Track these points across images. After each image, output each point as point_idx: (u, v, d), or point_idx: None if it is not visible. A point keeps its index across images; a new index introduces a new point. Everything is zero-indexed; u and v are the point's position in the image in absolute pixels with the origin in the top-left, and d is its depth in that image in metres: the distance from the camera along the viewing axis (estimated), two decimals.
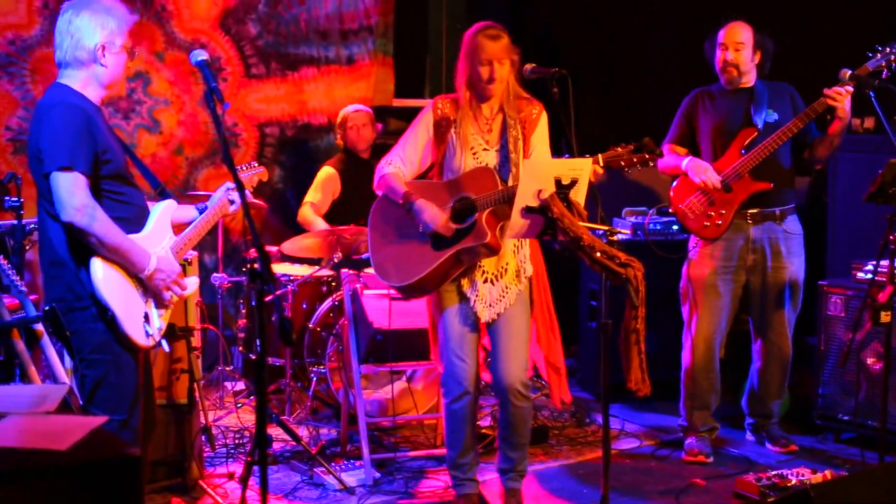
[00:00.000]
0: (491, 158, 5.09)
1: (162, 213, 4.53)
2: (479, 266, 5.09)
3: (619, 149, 4.92)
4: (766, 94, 6.03)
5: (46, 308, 4.25)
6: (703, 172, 5.94)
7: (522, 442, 5.30)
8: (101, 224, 4.13)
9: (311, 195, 7.37)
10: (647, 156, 4.89)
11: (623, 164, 4.92)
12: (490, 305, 5.10)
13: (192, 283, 4.62)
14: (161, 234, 4.48)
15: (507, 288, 5.12)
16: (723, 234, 5.99)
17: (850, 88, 5.73)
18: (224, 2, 8.21)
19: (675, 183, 6.15)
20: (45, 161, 4.15)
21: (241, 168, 5.11)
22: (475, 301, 5.10)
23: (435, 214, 4.97)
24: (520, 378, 5.11)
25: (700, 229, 6.02)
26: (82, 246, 4.18)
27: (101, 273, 4.19)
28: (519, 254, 5.18)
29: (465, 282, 5.12)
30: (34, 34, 7.63)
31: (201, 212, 4.68)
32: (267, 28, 8.36)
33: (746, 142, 5.93)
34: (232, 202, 4.69)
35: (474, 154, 5.10)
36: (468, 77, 5.09)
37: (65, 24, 4.32)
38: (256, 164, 5.19)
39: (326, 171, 7.40)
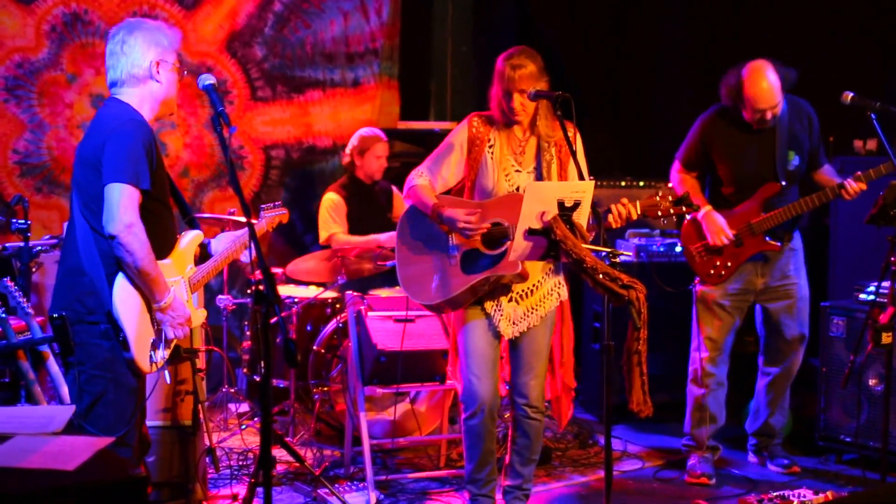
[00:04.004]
0: (523, 180, 5.09)
1: (189, 242, 4.61)
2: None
3: (658, 198, 4.83)
4: (786, 125, 5.98)
5: (55, 315, 4.26)
6: (717, 234, 5.96)
7: (534, 458, 5.36)
8: (141, 246, 4.17)
9: (333, 226, 7.28)
10: (685, 209, 4.82)
11: (660, 213, 4.83)
12: (514, 323, 5.13)
13: (200, 315, 4.67)
14: (184, 263, 4.57)
15: (532, 308, 5.15)
16: (724, 283, 6.04)
17: (865, 187, 5.79)
18: (231, 25, 8.26)
19: (686, 219, 6.15)
20: (106, 172, 4.18)
21: (265, 207, 5.27)
22: (499, 319, 5.12)
23: (468, 218, 4.96)
24: (537, 394, 5.22)
25: (705, 275, 6.06)
26: (107, 262, 4.22)
27: (123, 294, 4.23)
28: (553, 277, 5.21)
29: (489, 301, 5.15)
30: (42, 57, 7.69)
31: (205, 246, 4.76)
32: (273, 51, 8.42)
33: (767, 197, 5.95)
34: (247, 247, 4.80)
35: (507, 175, 5.11)
36: (498, 102, 5.10)
37: (117, 45, 4.38)
38: (280, 205, 5.30)
39: (333, 200, 7.34)
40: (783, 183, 5.95)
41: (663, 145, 6.37)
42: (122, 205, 4.14)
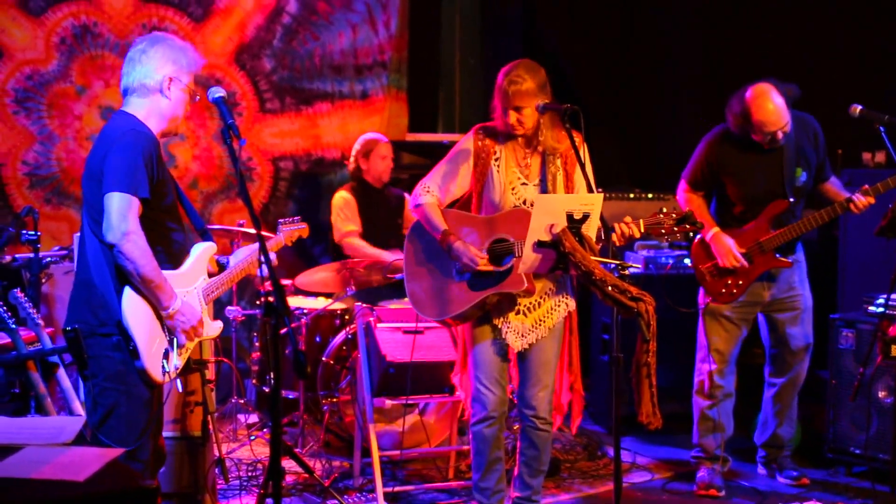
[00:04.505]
0: (530, 193, 5.09)
1: (201, 254, 4.58)
2: None
3: (662, 216, 4.82)
4: (794, 143, 5.96)
5: (68, 328, 4.27)
6: (726, 256, 5.94)
7: (542, 469, 5.34)
8: (142, 254, 4.16)
9: (347, 225, 7.32)
10: (688, 227, 4.81)
11: (663, 232, 4.83)
12: (522, 336, 5.13)
13: (216, 326, 4.66)
14: (196, 275, 4.55)
15: (539, 320, 5.14)
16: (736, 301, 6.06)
17: (873, 201, 5.78)
18: (239, 37, 8.29)
19: (695, 239, 6.17)
20: (106, 182, 4.19)
21: (284, 222, 5.23)
22: (506, 332, 5.13)
23: (474, 258, 4.97)
24: (545, 406, 5.20)
25: (716, 294, 6.05)
26: (116, 273, 4.22)
27: (132, 303, 4.23)
28: (560, 288, 5.18)
29: (496, 315, 5.15)
30: (51, 69, 7.72)
31: (220, 264, 4.75)
32: (282, 63, 8.44)
33: (776, 214, 5.95)
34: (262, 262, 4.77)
35: (513, 189, 5.11)
36: (499, 115, 5.09)
37: (137, 53, 4.42)
38: (300, 220, 5.27)
39: (344, 197, 7.38)
40: (791, 199, 5.95)
41: (671, 157, 6.37)
42: (121, 213, 4.14)
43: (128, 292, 4.23)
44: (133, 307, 4.24)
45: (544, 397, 5.21)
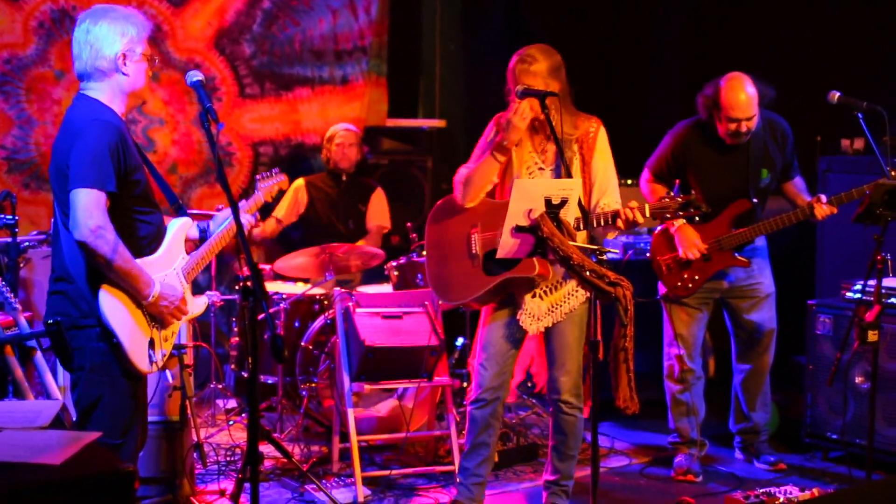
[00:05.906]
0: (546, 178, 5.13)
1: (177, 231, 4.50)
2: None
3: (667, 200, 4.85)
4: (760, 144, 6.01)
5: (50, 321, 4.20)
6: (690, 248, 5.98)
7: (570, 454, 5.36)
8: (112, 247, 4.07)
9: (277, 209, 7.69)
10: (692, 211, 4.83)
11: (668, 216, 4.88)
12: (538, 319, 5.17)
13: (200, 303, 4.60)
14: (175, 254, 4.47)
15: (556, 304, 5.18)
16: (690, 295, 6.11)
17: (836, 211, 5.86)
18: (219, 22, 8.25)
19: (657, 230, 6.21)
20: (72, 177, 4.09)
21: (261, 176, 5.11)
22: (521, 314, 5.17)
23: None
24: (569, 389, 5.23)
25: (672, 287, 6.11)
26: (91, 267, 4.15)
27: (110, 299, 4.15)
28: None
29: (515, 296, 5.19)
30: (30, 53, 7.67)
31: (202, 230, 4.67)
32: (261, 48, 8.41)
33: (738, 213, 5.99)
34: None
35: (530, 174, 5.15)
36: (513, 97, 5.11)
37: (83, 33, 4.26)
38: (278, 172, 5.16)
39: (295, 183, 7.66)
40: (754, 200, 5.99)
41: (652, 144, 6.38)
42: (87, 209, 4.06)
43: (104, 289, 4.15)
44: (112, 303, 4.16)
45: (567, 381, 5.23)
